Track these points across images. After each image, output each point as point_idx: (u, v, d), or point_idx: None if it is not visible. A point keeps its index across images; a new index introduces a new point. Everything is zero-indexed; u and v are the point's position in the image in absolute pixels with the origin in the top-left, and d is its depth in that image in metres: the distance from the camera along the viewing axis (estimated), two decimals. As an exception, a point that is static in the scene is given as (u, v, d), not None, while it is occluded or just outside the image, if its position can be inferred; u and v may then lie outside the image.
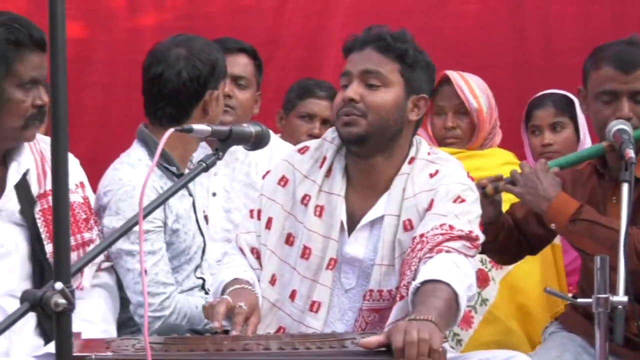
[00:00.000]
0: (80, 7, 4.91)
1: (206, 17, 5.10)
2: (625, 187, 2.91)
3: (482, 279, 4.06)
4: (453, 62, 5.12)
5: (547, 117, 4.49)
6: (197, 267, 3.62)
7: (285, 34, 5.18)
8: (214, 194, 4.16)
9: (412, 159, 3.10)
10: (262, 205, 3.19)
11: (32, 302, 1.99)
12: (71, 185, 3.25)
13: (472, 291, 2.92)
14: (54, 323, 2.00)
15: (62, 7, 1.97)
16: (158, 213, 3.41)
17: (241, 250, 3.19)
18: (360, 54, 3.09)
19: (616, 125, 3.26)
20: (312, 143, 3.23)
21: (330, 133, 3.18)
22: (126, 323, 3.53)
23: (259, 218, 3.18)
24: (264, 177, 3.30)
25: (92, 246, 3.29)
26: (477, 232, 3.01)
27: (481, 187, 3.40)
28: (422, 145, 3.15)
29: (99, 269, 3.40)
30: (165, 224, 3.49)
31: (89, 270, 3.29)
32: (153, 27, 5.06)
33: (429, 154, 3.13)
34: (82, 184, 3.34)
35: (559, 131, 4.49)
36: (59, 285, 1.96)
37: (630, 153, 3.05)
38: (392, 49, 3.07)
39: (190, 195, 3.60)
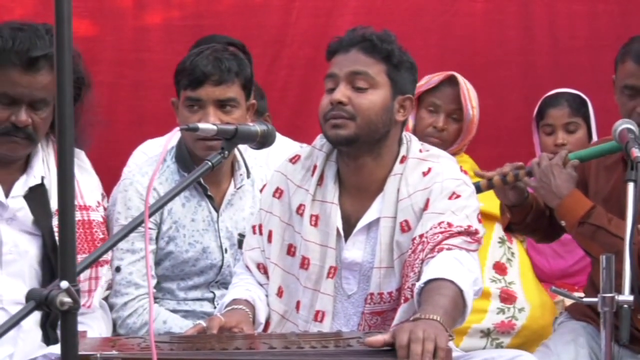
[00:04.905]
0: (87, 5, 4.91)
1: (214, 15, 5.08)
2: (631, 187, 2.90)
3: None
4: (461, 61, 5.12)
5: (561, 116, 4.47)
6: (214, 281, 3.59)
7: (293, 32, 5.16)
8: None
9: (404, 158, 3.08)
10: (262, 219, 3.20)
11: (38, 301, 1.97)
12: (93, 202, 3.24)
13: (477, 285, 2.91)
14: (60, 321, 2.00)
15: (69, 6, 1.96)
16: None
17: (247, 268, 3.21)
18: (346, 55, 3.05)
19: (622, 124, 3.25)
20: (303, 152, 3.21)
21: (319, 140, 3.16)
22: None
23: (260, 233, 3.19)
24: (261, 190, 3.31)
25: (106, 267, 3.29)
26: (476, 225, 2.99)
27: (502, 175, 3.52)
28: (412, 143, 3.12)
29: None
30: (159, 228, 3.48)
31: (100, 290, 3.28)
32: (160, 26, 5.05)
33: (420, 151, 3.11)
34: (102, 204, 3.33)
35: (573, 132, 4.47)
36: (64, 284, 1.95)
37: (636, 152, 3.04)
38: (379, 50, 3.03)
39: (216, 210, 3.56)
